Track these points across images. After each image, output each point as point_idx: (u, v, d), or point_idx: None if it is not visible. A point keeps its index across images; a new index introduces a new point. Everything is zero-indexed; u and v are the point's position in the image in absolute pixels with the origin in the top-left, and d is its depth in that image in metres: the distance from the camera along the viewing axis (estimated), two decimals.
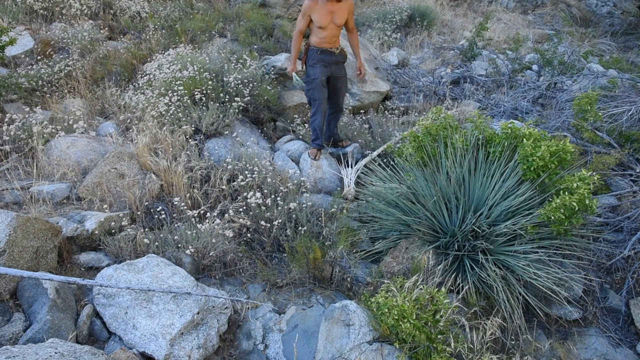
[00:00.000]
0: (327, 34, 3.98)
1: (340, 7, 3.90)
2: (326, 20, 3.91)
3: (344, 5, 3.93)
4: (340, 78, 4.20)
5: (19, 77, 5.10)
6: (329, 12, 3.91)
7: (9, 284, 2.43)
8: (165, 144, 3.98)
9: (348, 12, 3.96)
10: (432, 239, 3.04)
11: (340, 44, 4.13)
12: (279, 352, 2.50)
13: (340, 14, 3.93)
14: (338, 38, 4.07)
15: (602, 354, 2.80)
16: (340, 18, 3.94)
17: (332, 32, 4.00)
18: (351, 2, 3.96)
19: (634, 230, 3.30)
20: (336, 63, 4.11)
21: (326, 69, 4.09)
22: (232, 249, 3.10)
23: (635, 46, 9.75)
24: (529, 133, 3.21)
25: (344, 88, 4.30)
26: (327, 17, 3.90)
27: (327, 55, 4.07)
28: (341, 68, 4.18)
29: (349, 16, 4.00)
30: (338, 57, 4.11)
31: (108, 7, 7.16)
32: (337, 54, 4.08)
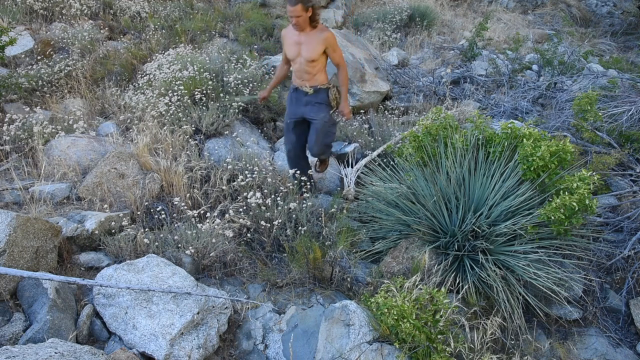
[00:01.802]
0: (296, 69, 3.47)
1: (309, 39, 3.30)
2: (292, 52, 3.40)
3: (314, 38, 3.30)
4: (315, 121, 3.54)
5: (19, 77, 5.10)
6: (296, 43, 3.36)
7: (9, 284, 2.43)
8: (166, 144, 3.98)
9: (325, 46, 3.31)
10: (432, 239, 3.04)
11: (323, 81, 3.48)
12: (279, 352, 2.50)
13: (310, 47, 3.30)
14: (312, 75, 3.43)
15: (602, 354, 2.80)
16: (310, 51, 3.31)
17: (302, 67, 3.40)
18: (328, 35, 3.29)
19: (634, 230, 3.30)
20: (310, 104, 3.51)
21: (295, 109, 3.59)
22: (232, 249, 3.10)
23: (635, 46, 9.75)
24: (529, 133, 3.21)
25: (320, 135, 3.56)
26: (294, 49, 3.38)
27: (297, 94, 3.55)
28: (318, 110, 3.50)
29: (329, 50, 3.34)
30: (311, 97, 3.48)
31: (108, 7, 7.16)
32: (310, 94, 3.46)
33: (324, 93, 3.49)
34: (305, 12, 3.18)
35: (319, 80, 3.46)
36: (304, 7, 3.16)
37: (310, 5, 3.19)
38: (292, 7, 3.15)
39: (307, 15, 3.21)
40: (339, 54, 3.43)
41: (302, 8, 3.15)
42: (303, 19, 3.20)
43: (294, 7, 3.14)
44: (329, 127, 3.60)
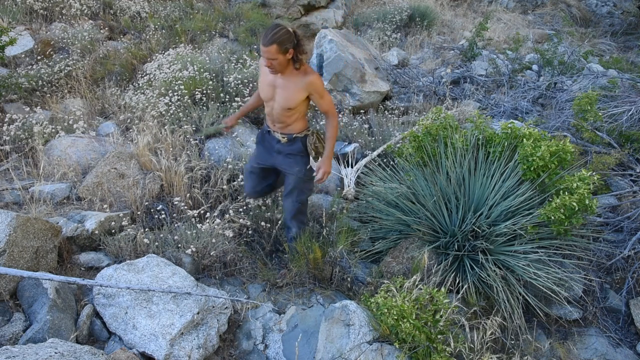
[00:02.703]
0: (268, 112, 2.83)
1: (288, 84, 2.64)
2: (265, 94, 2.76)
3: (295, 82, 2.62)
4: (289, 175, 2.94)
5: (19, 77, 5.10)
6: (271, 85, 2.70)
7: (9, 284, 2.43)
8: (166, 144, 3.98)
9: (308, 92, 2.65)
10: (432, 239, 3.04)
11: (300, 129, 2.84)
12: (279, 352, 2.50)
13: (288, 94, 2.64)
14: (287, 125, 2.80)
15: (602, 354, 2.80)
16: (287, 99, 2.66)
17: (275, 114, 2.76)
18: (312, 79, 2.60)
19: (634, 230, 3.30)
20: (282, 154, 2.89)
21: (266, 155, 2.97)
22: (232, 249, 3.10)
23: (635, 46, 9.75)
24: (529, 133, 3.21)
25: (295, 192, 2.95)
26: (268, 91, 2.73)
27: (269, 138, 2.93)
28: (292, 163, 2.88)
29: (315, 97, 2.68)
30: (284, 147, 2.86)
31: (108, 7, 7.16)
32: (282, 142, 2.85)
33: (300, 142, 2.85)
34: (283, 54, 2.49)
35: (295, 129, 2.82)
36: (281, 49, 2.46)
37: (290, 46, 2.50)
38: (264, 48, 2.46)
39: (287, 58, 2.54)
40: (327, 101, 2.72)
41: (277, 50, 2.45)
42: (279, 62, 2.51)
43: (267, 47, 2.45)
44: (304, 183, 2.94)
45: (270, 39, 2.44)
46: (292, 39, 2.50)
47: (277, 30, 2.46)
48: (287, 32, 2.48)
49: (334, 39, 5.96)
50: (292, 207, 2.99)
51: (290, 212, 3.01)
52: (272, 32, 2.45)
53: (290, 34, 2.50)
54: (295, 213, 3.01)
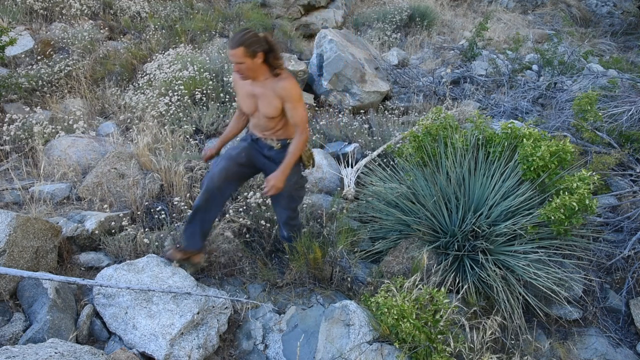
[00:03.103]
0: (254, 124, 2.70)
1: (265, 91, 2.49)
2: (248, 106, 2.63)
3: (270, 89, 2.48)
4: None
5: (19, 77, 5.10)
6: (251, 96, 2.56)
7: (9, 284, 2.43)
8: (166, 144, 3.98)
9: (281, 100, 2.47)
10: (432, 239, 3.04)
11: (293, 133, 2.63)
12: (279, 352, 2.50)
13: (267, 102, 2.50)
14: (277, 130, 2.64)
15: (602, 354, 2.80)
16: (267, 107, 2.51)
17: (262, 123, 2.62)
18: (284, 84, 2.45)
19: (634, 230, 3.30)
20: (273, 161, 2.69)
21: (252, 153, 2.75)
22: (232, 249, 3.10)
23: (635, 46, 9.75)
24: (529, 133, 3.21)
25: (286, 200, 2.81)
26: (249, 102, 2.60)
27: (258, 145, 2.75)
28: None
29: (287, 106, 2.49)
30: (277, 153, 2.67)
31: (108, 7, 7.16)
32: (277, 148, 2.67)
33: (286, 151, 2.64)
34: (251, 58, 2.36)
35: (288, 134, 2.64)
36: (248, 52, 2.34)
37: (259, 50, 2.37)
38: (231, 51, 2.35)
39: (256, 62, 2.39)
40: (300, 113, 2.49)
41: (244, 53, 2.33)
42: (247, 67, 2.39)
43: (234, 50, 2.34)
44: (296, 191, 2.83)
45: (237, 42, 2.34)
46: (260, 42, 2.39)
47: (244, 33, 2.38)
48: (254, 36, 2.38)
49: (334, 39, 5.96)
50: (283, 214, 2.91)
51: (282, 219, 2.94)
52: (239, 35, 2.37)
53: (258, 37, 2.40)
54: (287, 219, 2.93)
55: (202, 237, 2.75)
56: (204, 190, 2.67)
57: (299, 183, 2.83)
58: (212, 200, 2.67)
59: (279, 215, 2.98)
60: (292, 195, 2.83)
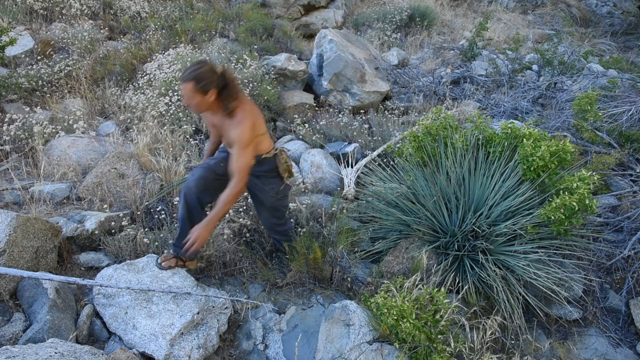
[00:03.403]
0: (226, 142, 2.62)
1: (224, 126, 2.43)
2: (214, 135, 2.72)
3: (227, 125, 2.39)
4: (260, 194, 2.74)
5: (19, 77, 5.10)
6: (213, 126, 2.60)
7: (9, 284, 2.43)
8: (166, 144, 3.98)
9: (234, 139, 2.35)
10: (432, 239, 3.04)
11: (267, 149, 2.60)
12: (279, 352, 2.50)
13: (227, 135, 2.44)
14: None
15: (602, 354, 2.80)
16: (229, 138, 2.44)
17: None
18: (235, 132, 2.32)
19: (634, 230, 3.30)
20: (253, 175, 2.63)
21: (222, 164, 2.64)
22: (232, 249, 3.10)
23: (635, 46, 9.75)
24: (529, 133, 3.21)
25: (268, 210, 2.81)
26: (214, 131, 2.68)
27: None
28: (266, 181, 2.69)
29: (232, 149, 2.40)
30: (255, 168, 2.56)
31: (108, 7, 7.15)
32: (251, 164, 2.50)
33: (269, 162, 2.64)
34: (202, 95, 2.26)
35: (262, 149, 2.58)
36: (199, 89, 2.24)
37: (211, 87, 2.25)
38: (181, 84, 2.26)
39: (208, 100, 2.29)
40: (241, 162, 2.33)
41: (194, 89, 2.23)
42: (197, 103, 2.29)
43: (184, 84, 2.24)
44: (278, 201, 2.78)
45: (188, 76, 2.22)
46: (214, 79, 2.25)
47: (197, 68, 2.24)
48: (209, 72, 2.24)
49: (334, 39, 5.96)
50: (268, 222, 2.90)
51: (267, 226, 2.95)
52: (192, 69, 2.24)
53: (213, 73, 2.25)
54: (272, 226, 2.92)
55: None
56: (182, 201, 2.61)
57: (281, 193, 2.77)
58: (192, 209, 2.60)
59: (264, 223, 2.98)
60: (274, 206, 2.80)
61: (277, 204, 2.81)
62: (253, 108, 2.46)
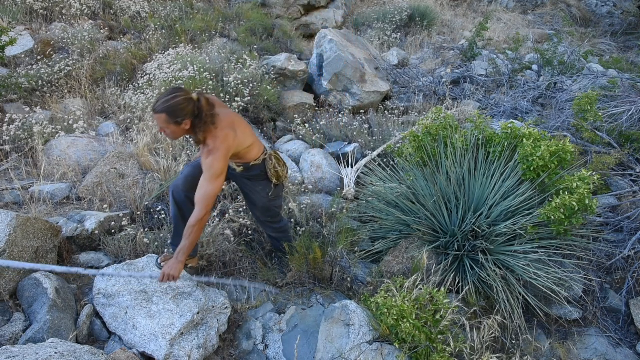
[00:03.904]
0: None
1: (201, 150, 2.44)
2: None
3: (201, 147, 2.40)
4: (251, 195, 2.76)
5: (19, 77, 5.10)
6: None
7: (9, 284, 2.43)
8: (166, 144, 3.98)
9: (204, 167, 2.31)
10: (432, 239, 3.04)
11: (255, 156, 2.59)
12: (279, 352, 2.50)
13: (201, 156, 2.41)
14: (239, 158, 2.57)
15: (602, 354, 2.80)
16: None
17: None
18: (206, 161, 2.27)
19: (634, 230, 3.30)
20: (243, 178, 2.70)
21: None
22: (232, 249, 3.10)
23: (635, 46, 9.75)
24: (529, 133, 3.21)
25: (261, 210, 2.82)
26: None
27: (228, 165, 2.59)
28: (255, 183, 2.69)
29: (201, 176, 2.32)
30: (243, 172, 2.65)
31: (108, 7, 7.15)
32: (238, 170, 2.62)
33: (258, 168, 2.63)
34: (175, 125, 2.21)
35: (250, 157, 2.58)
36: (171, 121, 2.18)
37: (184, 119, 2.19)
38: (155, 114, 2.21)
39: (182, 129, 2.24)
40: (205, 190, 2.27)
41: (167, 120, 2.18)
42: (172, 132, 2.25)
43: (157, 115, 2.19)
44: (270, 202, 2.77)
45: (160, 107, 2.16)
46: (189, 109, 2.18)
47: (170, 98, 2.16)
48: (183, 102, 2.17)
49: (334, 39, 5.96)
50: (262, 219, 2.90)
51: (262, 224, 2.96)
52: (165, 99, 2.16)
53: (187, 103, 2.18)
54: (266, 223, 2.93)
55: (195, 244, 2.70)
56: (172, 200, 2.59)
57: (273, 194, 2.75)
58: (183, 208, 2.57)
59: (258, 221, 2.96)
60: (267, 206, 2.79)
61: (269, 205, 2.79)
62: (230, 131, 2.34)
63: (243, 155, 2.54)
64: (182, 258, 2.31)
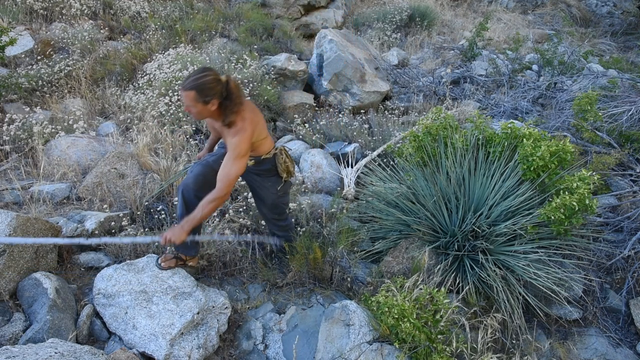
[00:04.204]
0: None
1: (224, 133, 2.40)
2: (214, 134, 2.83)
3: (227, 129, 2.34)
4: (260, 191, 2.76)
5: (19, 77, 5.10)
6: (213, 128, 2.70)
7: (9, 284, 2.43)
8: (166, 144, 3.98)
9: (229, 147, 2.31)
10: (432, 239, 3.04)
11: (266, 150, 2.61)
12: (279, 352, 2.50)
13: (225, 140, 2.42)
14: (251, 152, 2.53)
15: (602, 354, 2.80)
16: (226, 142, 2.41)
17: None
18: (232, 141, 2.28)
19: (634, 230, 3.30)
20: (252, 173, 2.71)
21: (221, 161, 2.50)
22: (232, 249, 3.10)
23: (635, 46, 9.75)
24: (529, 133, 3.21)
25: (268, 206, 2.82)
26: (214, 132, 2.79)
27: None
28: (265, 178, 2.71)
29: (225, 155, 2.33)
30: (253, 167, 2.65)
31: (108, 7, 7.15)
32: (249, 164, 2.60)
33: (268, 162, 2.65)
34: (203, 105, 2.21)
35: (262, 151, 2.59)
36: (200, 99, 2.19)
37: (212, 98, 2.20)
38: (183, 92, 2.21)
39: (209, 109, 2.25)
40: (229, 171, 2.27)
41: (195, 98, 2.19)
42: (198, 111, 2.25)
43: (185, 92, 2.19)
44: (278, 199, 2.79)
45: (190, 84, 2.16)
46: (217, 89, 2.19)
47: (201, 76, 2.17)
48: (212, 81, 2.18)
49: (334, 39, 5.96)
50: (268, 216, 2.91)
51: (267, 220, 2.96)
52: (195, 77, 2.18)
53: (216, 83, 2.19)
54: (272, 220, 2.93)
55: (195, 243, 2.73)
56: (180, 198, 2.57)
57: (281, 191, 2.76)
58: (191, 206, 2.51)
59: (263, 216, 2.98)
60: (275, 203, 2.80)
61: (277, 201, 2.81)
62: (254, 116, 2.41)
63: (257, 147, 2.53)
64: (187, 228, 2.29)
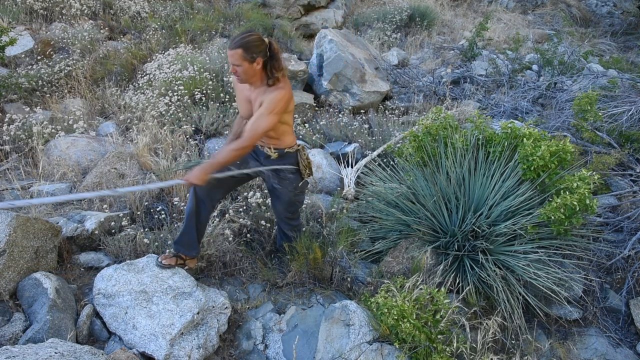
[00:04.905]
0: None
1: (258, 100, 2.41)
2: (244, 110, 2.63)
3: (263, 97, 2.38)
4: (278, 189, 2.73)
5: (19, 77, 5.10)
6: (247, 101, 2.54)
7: (9, 284, 2.43)
8: (166, 144, 3.98)
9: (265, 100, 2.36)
10: (432, 239, 3.04)
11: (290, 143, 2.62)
12: (279, 352, 2.50)
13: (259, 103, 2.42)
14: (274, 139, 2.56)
15: (602, 354, 2.80)
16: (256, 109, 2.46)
17: None
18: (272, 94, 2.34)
19: (634, 230, 3.30)
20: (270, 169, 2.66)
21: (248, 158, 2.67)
22: (232, 249, 3.10)
23: (635, 46, 9.75)
24: (529, 133, 3.21)
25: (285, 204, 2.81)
26: (245, 107, 2.60)
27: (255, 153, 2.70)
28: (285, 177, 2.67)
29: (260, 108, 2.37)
30: (275, 162, 2.62)
31: (108, 7, 7.16)
32: (273, 157, 2.60)
33: (292, 157, 2.64)
34: (249, 62, 2.30)
35: (286, 143, 2.59)
36: (247, 56, 2.28)
37: (258, 55, 2.30)
38: (230, 51, 2.30)
39: (254, 68, 2.33)
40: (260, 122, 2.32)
41: (242, 55, 2.27)
42: (244, 70, 2.32)
43: (232, 51, 2.28)
44: (296, 197, 2.79)
45: (237, 43, 2.27)
46: (262, 48, 2.31)
47: (246, 35, 2.29)
48: (257, 40, 2.30)
49: (334, 39, 5.96)
50: (282, 214, 2.91)
51: (281, 218, 2.96)
52: (241, 36, 2.29)
53: (261, 42, 2.32)
54: (285, 219, 2.94)
55: (198, 243, 2.73)
56: (191, 196, 2.59)
57: (300, 189, 2.78)
58: (201, 205, 2.59)
59: (277, 214, 2.99)
60: (291, 200, 2.81)
61: (294, 199, 2.81)
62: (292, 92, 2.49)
63: (282, 134, 2.55)
64: (210, 170, 2.34)
